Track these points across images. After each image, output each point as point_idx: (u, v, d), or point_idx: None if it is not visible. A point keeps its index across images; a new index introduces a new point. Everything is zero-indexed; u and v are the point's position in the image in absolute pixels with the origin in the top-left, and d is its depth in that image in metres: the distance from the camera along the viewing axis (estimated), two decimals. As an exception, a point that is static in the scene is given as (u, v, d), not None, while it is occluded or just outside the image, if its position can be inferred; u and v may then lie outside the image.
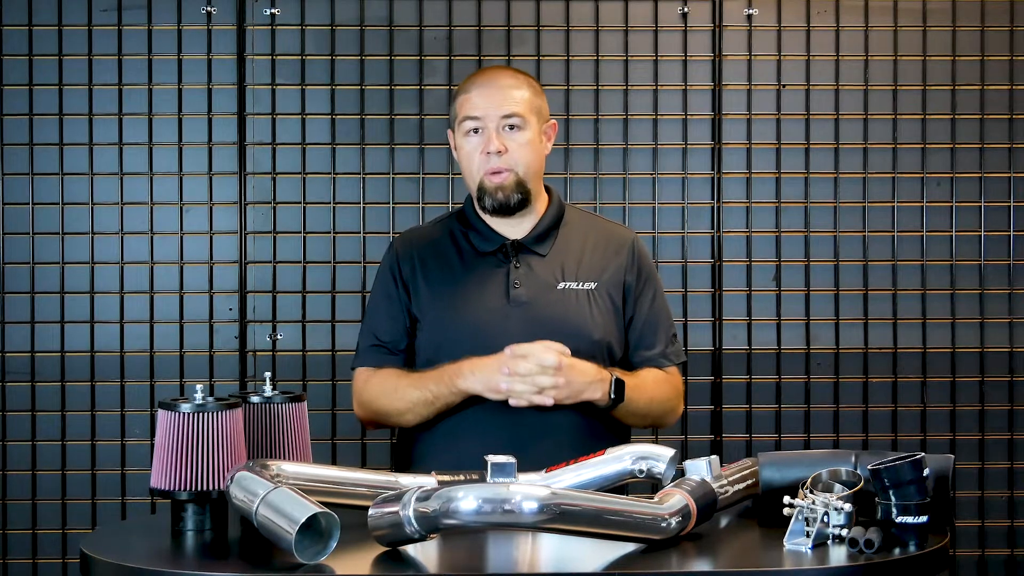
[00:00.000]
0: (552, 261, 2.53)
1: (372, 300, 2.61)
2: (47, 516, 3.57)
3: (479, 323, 2.47)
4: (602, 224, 2.65)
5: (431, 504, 1.77)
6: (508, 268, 2.51)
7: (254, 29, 3.59)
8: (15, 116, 3.58)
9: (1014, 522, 3.65)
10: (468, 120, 2.50)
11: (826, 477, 1.95)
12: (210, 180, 3.59)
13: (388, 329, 2.54)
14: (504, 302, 2.48)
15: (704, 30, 3.62)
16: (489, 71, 2.59)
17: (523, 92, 2.51)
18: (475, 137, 2.50)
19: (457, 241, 2.57)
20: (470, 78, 2.58)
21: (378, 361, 2.54)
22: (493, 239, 2.54)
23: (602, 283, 2.53)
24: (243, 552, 1.93)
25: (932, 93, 3.64)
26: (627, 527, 1.86)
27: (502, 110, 2.48)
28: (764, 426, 3.62)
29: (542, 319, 2.45)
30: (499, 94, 2.49)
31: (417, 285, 2.54)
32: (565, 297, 2.49)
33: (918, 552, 1.84)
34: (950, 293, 3.64)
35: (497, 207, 2.50)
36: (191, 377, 3.56)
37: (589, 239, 2.57)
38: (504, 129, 2.49)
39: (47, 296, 3.57)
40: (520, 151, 2.49)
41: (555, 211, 2.58)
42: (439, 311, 2.50)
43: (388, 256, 2.60)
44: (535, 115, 2.52)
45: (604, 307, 2.51)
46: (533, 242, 2.54)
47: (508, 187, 2.49)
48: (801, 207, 3.63)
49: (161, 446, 2.00)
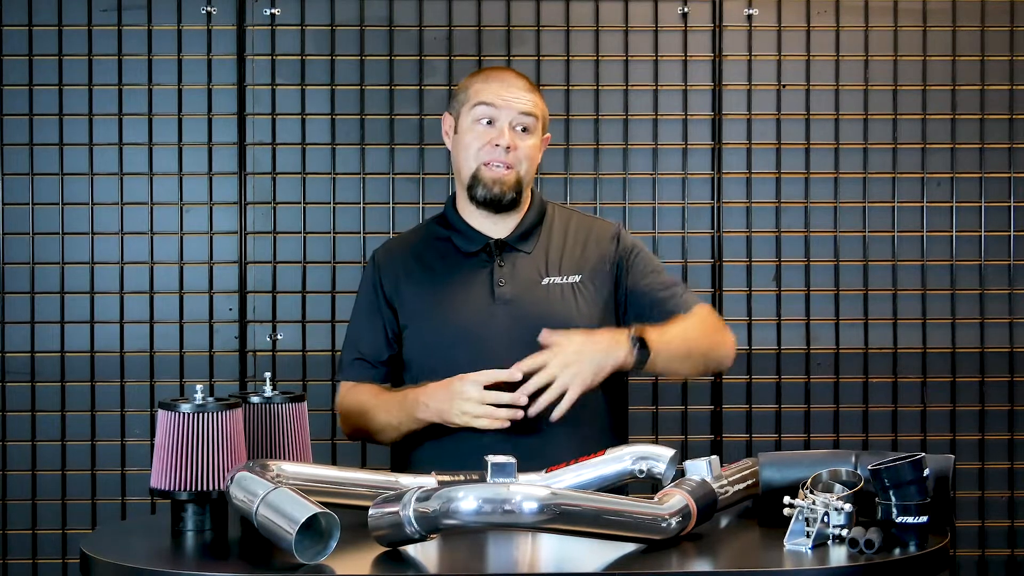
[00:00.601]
0: (536, 257, 2.53)
1: (355, 314, 2.60)
2: (47, 516, 3.57)
3: (466, 324, 2.46)
4: (583, 219, 2.64)
5: (431, 504, 1.77)
6: (492, 267, 2.51)
7: (254, 29, 3.59)
8: (15, 116, 3.58)
9: (1014, 522, 3.65)
10: (483, 106, 2.50)
11: (826, 477, 1.95)
12: (210, 180, 3.59)
13: (370, 342, 2.54)
14: (489, 301, 2.47)
15: (704, 30, 3.62)
16: (505, 71, 2.60)
17: (537, 99, 2.54)
18: (484, 126, 2.50)
19: (439, 244, 2.56)
20: (486, 70, 2.60)
21: (358, 375, 2.54)
22: (476, 239, 2.54)
23: (586, 274, 2.52)
24: (243, 552, 1.93)
25: (932, 93, 3.64)
26: (627, 527, 1.86)
27: (520, 107, 2.50)
28: (764, 426, 3.62)
29: (527, 316, 2.44)
30: (518, 92, 2.51)
31: (401, 296, 2.53)
32: (550, 292, 2.49)
33: (918, 552, 1.83)
34: (950, 293, 3.64)
35: (490, 199, 2.50)
36: (191, 377, 3.56)
37: (571, 233, 2.57)
38: (516, 128, 2.50)
39: (47, 296, 3.57)
40: (526, 152, 2.51)
41: (537, 209, 2.58)
42: (426, 316, 2.50)
43: (370, 270, 2.59)
44: (542, 124, 2.55)
45: (590, 298, 2.50)
46: (517, 240, 2.54)
47: (508, 183, 2.49)
48: (801, 207, 3.63)
49: (161, 446, 2.00)
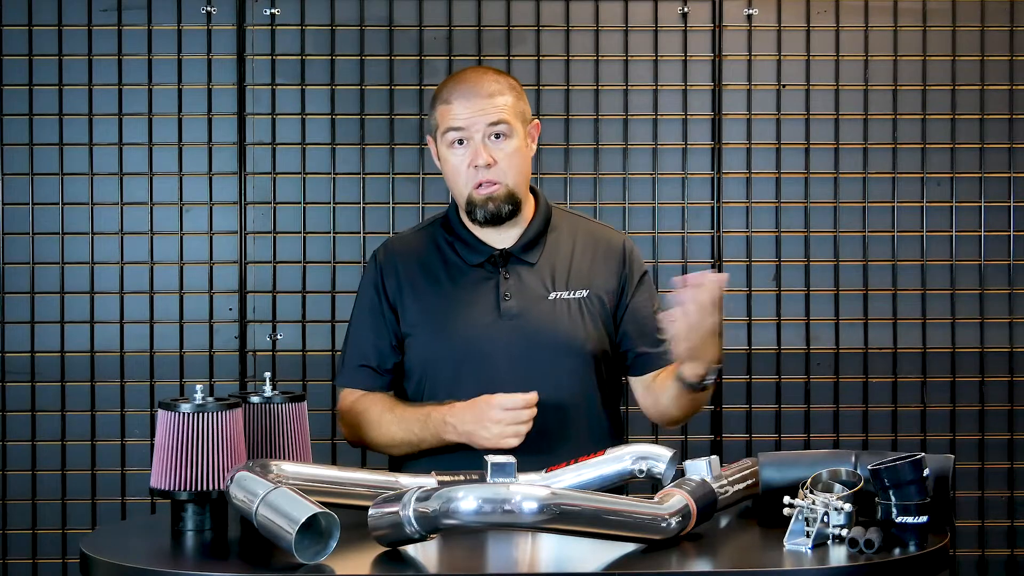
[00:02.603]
0: (542, 270, 2.46)
1: (357, 315, 2.51)
2: (47, 516, 3.57)
3: (470, 338, 2.41)
4: (590, 226, 2.57)
5: (431, 504, 1.77)
6: (497, 279, 2.44)
7: (254, 29, 3.59)
8: (15, 116, 3.58)
9: (1014, 522, 3.65)
10: (451, 132, 2.39)
11: (826, 477, 1.95)
12: (210, 180, 3.59)
13: (374, 346, 2.47)
14: (495, 316, 2.41)
15: (704, 30, 3.62)
16: (467, 76, 2.45)
17: (506, 98, 2.40)
18: (460, 149, 2.40)
19: (443, 252, 2.48)
20: (448, 84, 2.44)
21: (365, 383, 2.47)
22: (481, 250, 2.46)
23: (593, 289, 2.47)
24: (243, 552, 1.93)
25: (932, 93, 3.64)
26: (627, 527, 1.86)
27: (487, 118, 2.38)
28: (764, 426, 3.62)
29: (534, 332, 2.40)
30: (482, 102, 2.38)
31: (404, 302, 2.46)
32: (556, 307, 2.43)
33: (918, 552, 1.83)
34: (950, 293, 3.64)
35: (489, 218, 2.42)
36: (191, 377, 3.55)
37: (578, 243, 2.51)
38: (490, 139, 2.39)
39: (47, 296, 3.57)
40: (508, 161, 2.40)
41: (542, 216, 2.50)
42: (428, 328, 2.44)
43: (371, 269, 2.51)
44: (519, 120, 2.42)
45: (596, 314, 2.46)
46: (521, 251, 2.46)
47: (499, 198, 2.40)
48: (801, 207, 3.63)
49: (161, 446, 2.00)
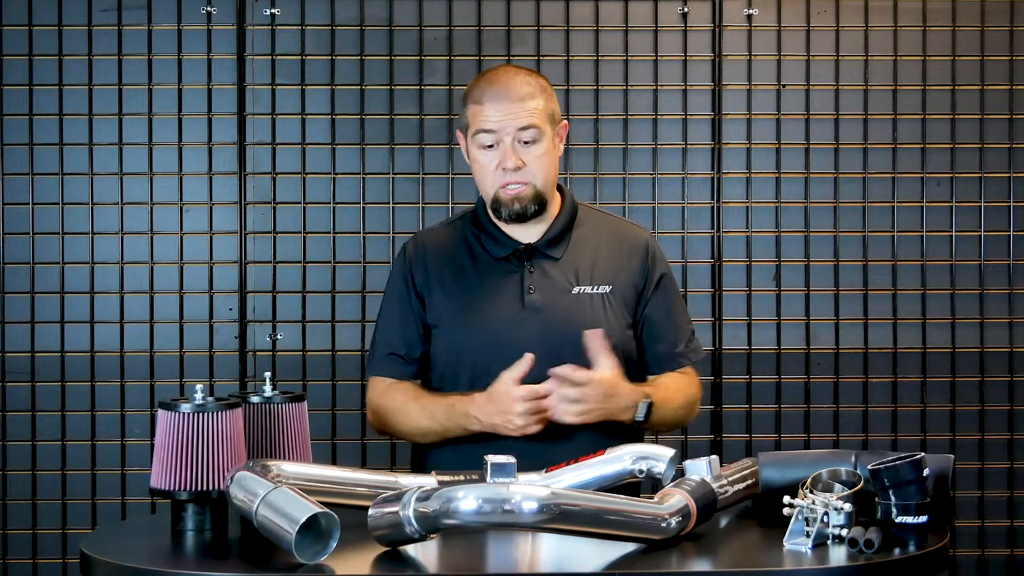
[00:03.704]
0: (566, 265, 2.49)
1: (386, 305, 2.56)
2: (47, 516, 3.57)
3: (494, 330, 2.44)
4: (615, 223, 2.60)
5: (431, 504, 1.77)
6: (522, 273, 2.48)
7: (254, 29, 3.59)
8: (15, 116, 3.58)
9: (1014, 522, 3.65)
10: (482, 134, 2.43)
11: (826, 477, 1.95)
12: (210, 180, 3.59)
13: (403, 336, 2.51)
14: (519, 308, 2.45)
15: (704, 30, 3.62)
16: (498, 76, 2.47)
17: (537, 101, 2.43)
18: (490, 151, 2.44)
19: (470, 246, 2.52)
20: (480, 84, 2.47)
21: (394, 372, 2.51)
22: (506, 244, 2.50)
23: (616, 286, 2.49)
24: (243, 552, 1.93)
25: (932, 93, 3.64)
26: (627, 527, 1.86)
27: (518, 123, 2.41)
28: (764, 426, 3.62)
29: (557, 325, 2.43)
30: (512, 106, 2.41)
31: (431, 293, 2.50)
32: (580, 302, 2.46)
33: (918, 552, 1.84)
34: (950, 293, 3.64)
35: (514, 217, 2.46)
36: (191, 377, 3.55)
37: (603, 240, 2.54)
38: (520, 142, 2.42)
39: (47, 296, 3.57)
40: (537, 164, 2.44)
41: (568, 213, 2.53)
42: (454, 319, 2.48)
43: (401, 261, 2.56)
44: (549, 122, 2.45)
45: (618, 310, 2.48)
46: (546, 246, 2.49)
47: (525, 198, 2.44)
48: (801, 207, 3.63)
49: (161, 446, 2.00)
